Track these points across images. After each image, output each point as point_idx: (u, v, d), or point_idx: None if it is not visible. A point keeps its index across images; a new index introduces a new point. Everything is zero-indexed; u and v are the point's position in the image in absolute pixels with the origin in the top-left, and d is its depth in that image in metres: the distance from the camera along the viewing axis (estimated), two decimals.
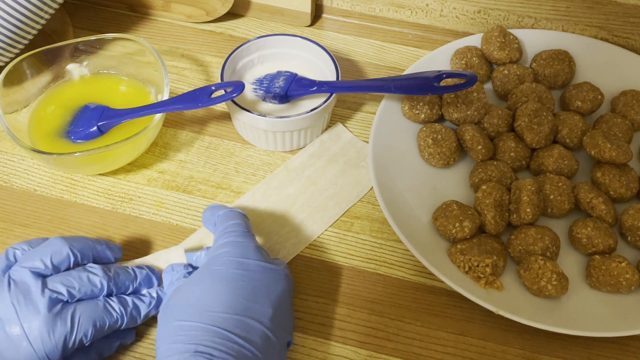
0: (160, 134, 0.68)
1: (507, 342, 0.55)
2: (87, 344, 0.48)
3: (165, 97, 0.62)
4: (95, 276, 0.49)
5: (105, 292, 0.49)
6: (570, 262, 0.58)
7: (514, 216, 0.59)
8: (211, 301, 0.46)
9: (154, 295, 0.52)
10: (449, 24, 0.78)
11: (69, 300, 0.48)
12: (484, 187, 0.59)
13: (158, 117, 0.60)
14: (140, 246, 0.59)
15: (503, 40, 0.70)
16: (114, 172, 0.64)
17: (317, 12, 0.80)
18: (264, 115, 0.62)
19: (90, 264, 0.50)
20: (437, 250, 0.58)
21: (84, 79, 0.68)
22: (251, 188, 0.63)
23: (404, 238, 0.56)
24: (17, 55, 0.64)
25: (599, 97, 0.67)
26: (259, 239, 0.59)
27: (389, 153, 0.64)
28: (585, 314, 0.54)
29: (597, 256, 0.57)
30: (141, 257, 0.56)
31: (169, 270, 0.53)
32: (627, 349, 0.55)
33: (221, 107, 0.70)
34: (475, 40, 0.72)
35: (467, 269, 0.56)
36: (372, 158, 0.62)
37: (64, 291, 0.47)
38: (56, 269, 0.49)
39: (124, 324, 0.50)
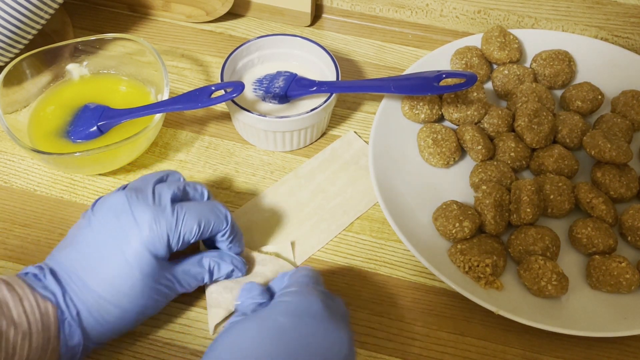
0: (160, 134, 0.68)
1: (507, 342, 0.55)
2: (193, 241, 0.50)
3: (165, 97, 0.62)
4: (198, 185, 0.54)
5: (206, 198, 0.54)
6: (570, 262, 0.58)
7: (514, 216, 0.59)
8: (252, 353, 0.42)
9: None
10: (449, 24, 0.78)
11: (177, 200, 0.51)
12: (484, 187, 0.59)
13: (158, 117, 0.60)
14: None
15: (503, 40, 0.70)
16: (114, 172, 0.64)
17: (317, 12, 0.80)
18: (264, 115, 0.62)
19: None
20: (437, 250, 0.58)
21: (84, 79, 0.68)
22: (259, 192, 0.63)
23: (404, 238, 0.56)
24: (17, 55, 0.64)
25: (599, 97, 0.67)
26: (264, 246, 0.59)
27: (389, 153, 0.64)
28: (585, 314, 0.54)
29: (597, 256, 0.57)
30: None
31: (246, 288, 0.51)
32: (627, 349, 0.54)
33: (221, 107, 0.70)
34: (475, 40, 0.72)
35: (467, 269, 0.56)
36: (372, 158, 0.62)
37: (171, 190, 0.51)
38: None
39: (227, 230, 0.52)
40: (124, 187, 0.52)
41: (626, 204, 0.62)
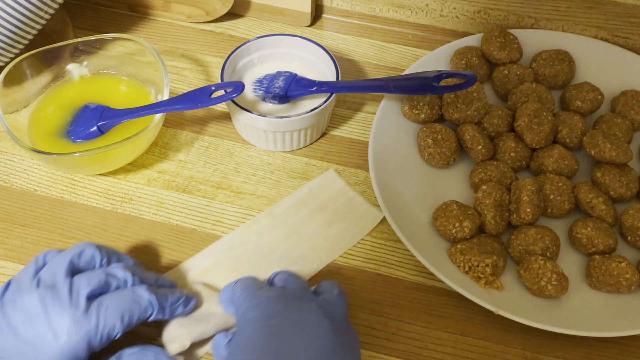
0: (160, 134, 0.68)
1: (507, 342, 0.55)
2: (117, 337, 0.48)
3: (165, 97, 0.62)
4: (118, 270, 0.50)
5: (130, 284, 0.49)
6: (570, 262, 0.58)
7: (514, 216, 0.59)
8: None
9: (183, 292, 0.52)
10: (449, 24, 0.78)
11: (95, 294, 0.48)
12: (484, 187, 0.59)
13: (158, 117, 0.60)
14: (140, 246, 0.59)
15: (503, 40, 0.70)
16: (114, 172, 0.64)
17: (317, 12, 0.80)
18: (264, 115, 0.62)
19: (113, 264, 0.51)
20: (437, 250, 0.58)
21: (84, 79, 0.68)
22: (229, 232, 0.60)
23: (404, 238, 0.56)
24: (17, 55, 0.64)
25: (599, 97, 0.67)
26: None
27: (389, 153, 0.64)
28: (585, 314, 0.54)
29: (597, 256, 0.57)
30: (137, 255, 0.55)
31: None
32: (627, 349, 0.55)
33: (221, 107, 0.70)
34: (475, 40, 0.72)
35: (467, 269, 0.56)
36: (372, 158, 0.62)
37: (90, 286, 0.47)
38: (83, 269, 0.50)
39: (153, 313, 0.49)
40: (36, 276, 0.48)
41: (626, 204, 0.62)
